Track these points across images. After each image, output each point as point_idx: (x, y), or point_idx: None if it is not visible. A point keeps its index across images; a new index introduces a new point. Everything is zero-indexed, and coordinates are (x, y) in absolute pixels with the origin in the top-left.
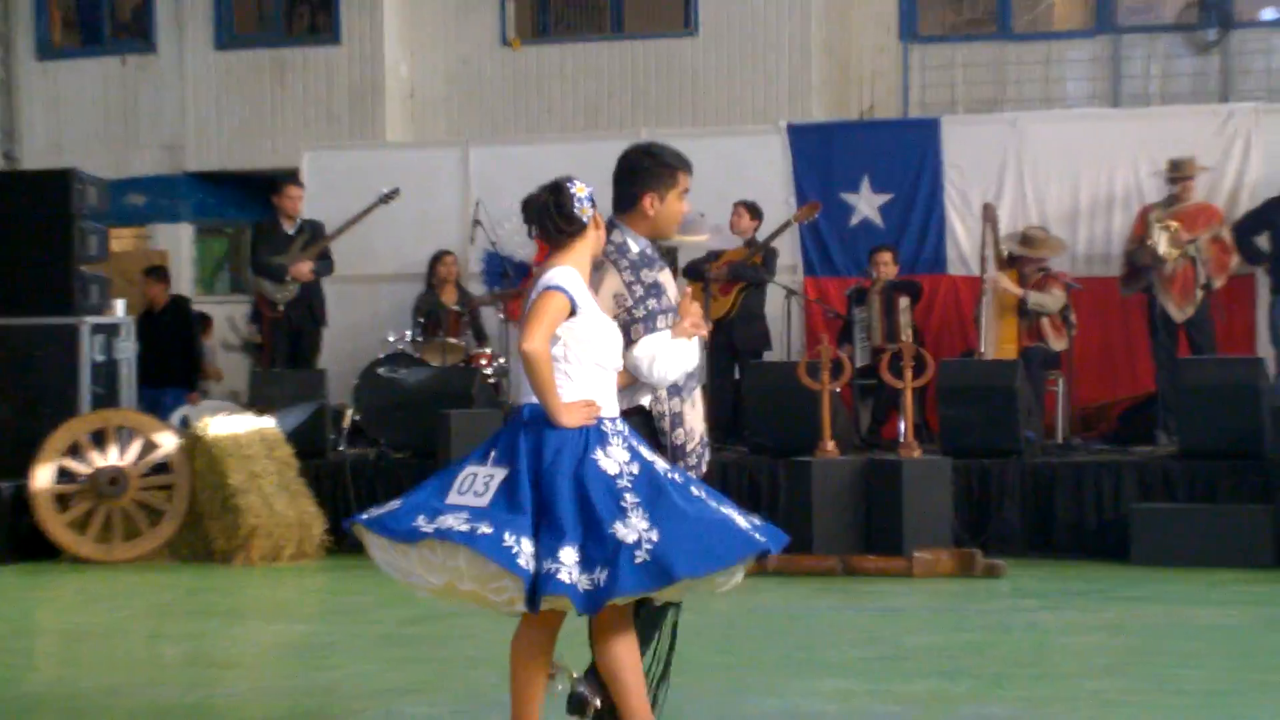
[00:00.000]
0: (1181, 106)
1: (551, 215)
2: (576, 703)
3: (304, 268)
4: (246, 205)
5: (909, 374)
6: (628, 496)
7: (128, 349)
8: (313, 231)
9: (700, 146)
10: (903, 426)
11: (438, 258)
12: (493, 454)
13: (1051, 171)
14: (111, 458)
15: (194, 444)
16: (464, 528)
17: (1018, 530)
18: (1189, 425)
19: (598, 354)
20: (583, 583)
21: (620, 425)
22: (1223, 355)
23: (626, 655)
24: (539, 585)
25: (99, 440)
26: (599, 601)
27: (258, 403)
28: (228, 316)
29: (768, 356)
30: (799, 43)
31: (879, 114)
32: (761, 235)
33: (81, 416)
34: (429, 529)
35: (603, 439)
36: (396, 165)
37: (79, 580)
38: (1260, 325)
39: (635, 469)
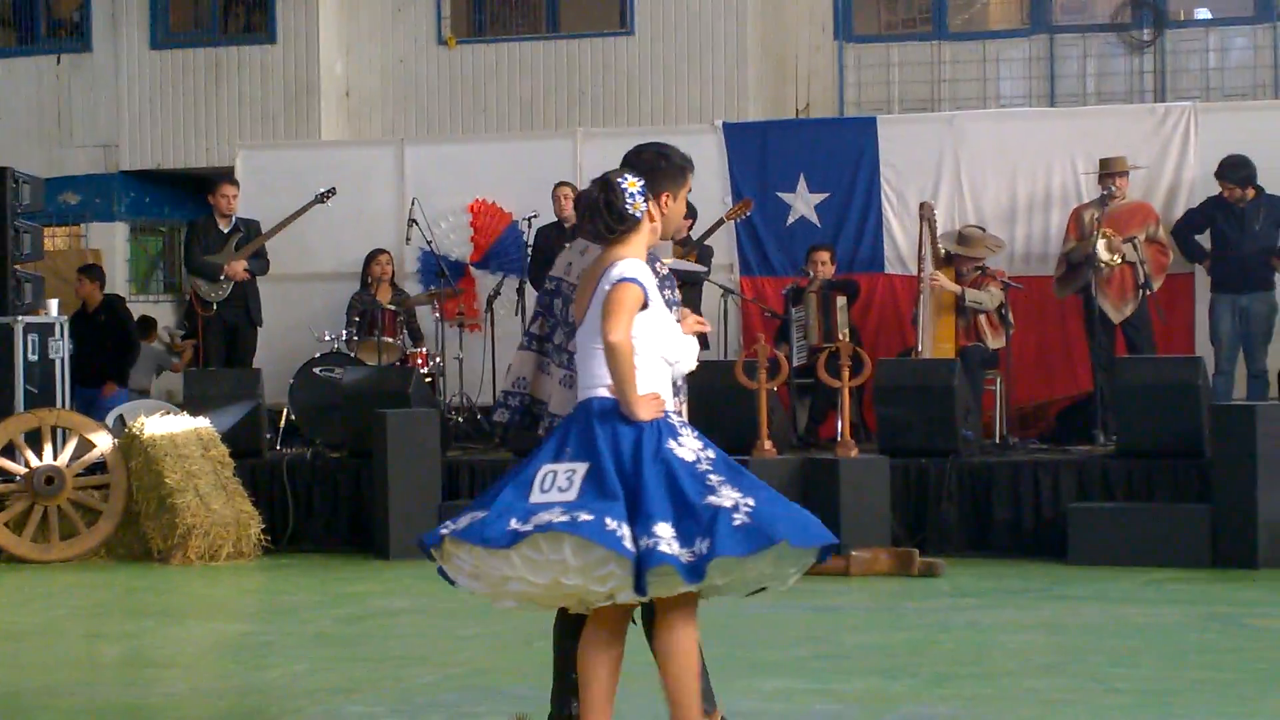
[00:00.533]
0: (1118, 105)
1: (603, 214)
2: None
3: (238, 266)
4: (182, 204)
5: (846, 373)
6: (711, 476)
7: (61, 348)
8: (248, 230)
9: None
10: (840, 426)
11: (372, 256)
12: (568, 449)
13: (988, 170)
14: (47, 457)
15: (130, 443)
16: (564, 518)
17: (955, 529)
18: (1127, 425)
19: (663, 347)
20: (684, 555)
21: (683, 418)
22: (1161, 354)
23: (686, 647)
24: (642, 562)
25: (34, 440)
26: (703, 568)
27: (193, 402)
28: (165, 327)
29: (704, 356)
30: (735, 42)
31: (815, 113)
32: (696, 234)
33: (16, 416)
34: (528, 528)
35: (673, 430)
36: (332, 164)
37: (16, 580)
38: (1199, 324)
39: (711, 454)
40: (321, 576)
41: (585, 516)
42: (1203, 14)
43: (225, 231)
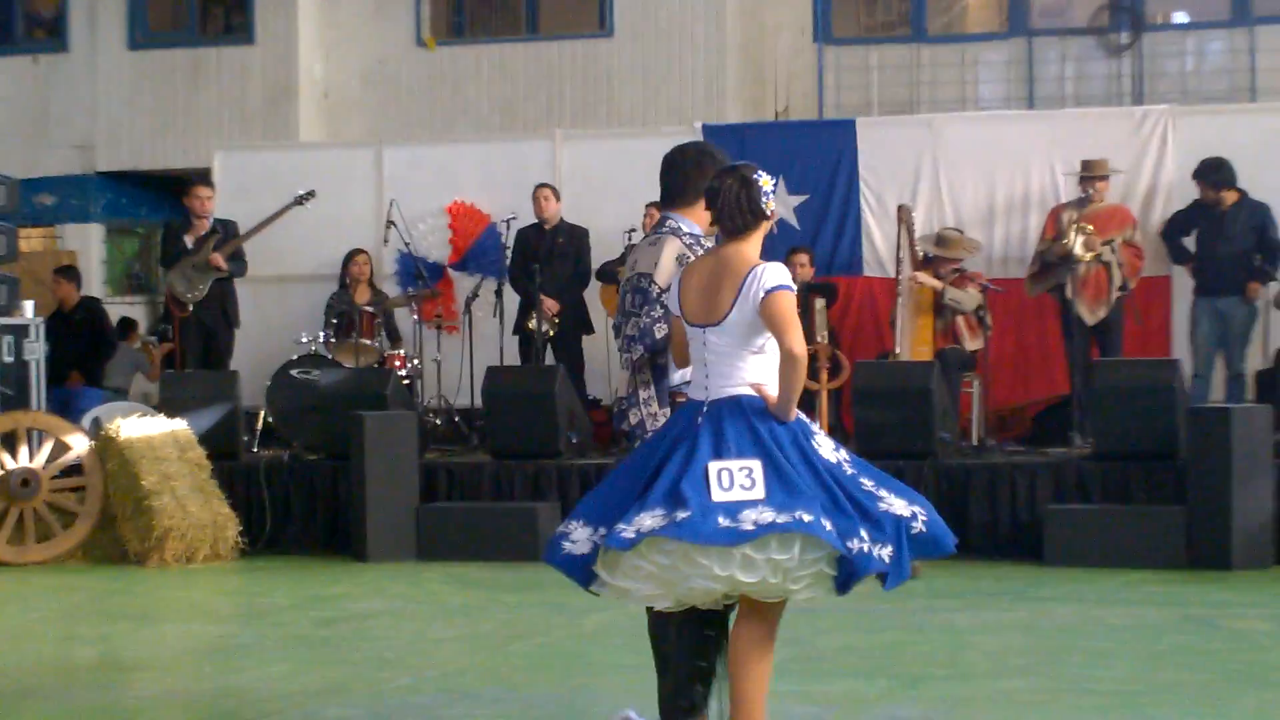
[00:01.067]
0: (1096, 108)
1: (743, 207)
2: None
3: (217, 255)
4: (158, 206)
5: (825, 375)
6: (864, 480)
7: (37, 350)
8: (226, 231)
9: (616, 148)
10: (818, 428)
11: (350, 256)
12: (729, 446)
13: (966, 173)
14: (23, 459)
15: (106, 445)
16: (787, 518)
17: None
18: (1103, 427)
19: None
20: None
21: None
22: (1137, 357)
23: (768, 666)
24: (859, 566)
25: (9, 442)
26: (900, 578)
27: (170, 404)
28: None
29: None
30: (714, 44)
31: (794, 115)
32: None
33: None
34: (749, 527)
35: (809, 430)
36: (310, 166)
37: None
38: (1177, 326)
39: (845, 455)
40: (298, 579)
41: (807, 516)
42: (1180, 17)
43: (203, 234)
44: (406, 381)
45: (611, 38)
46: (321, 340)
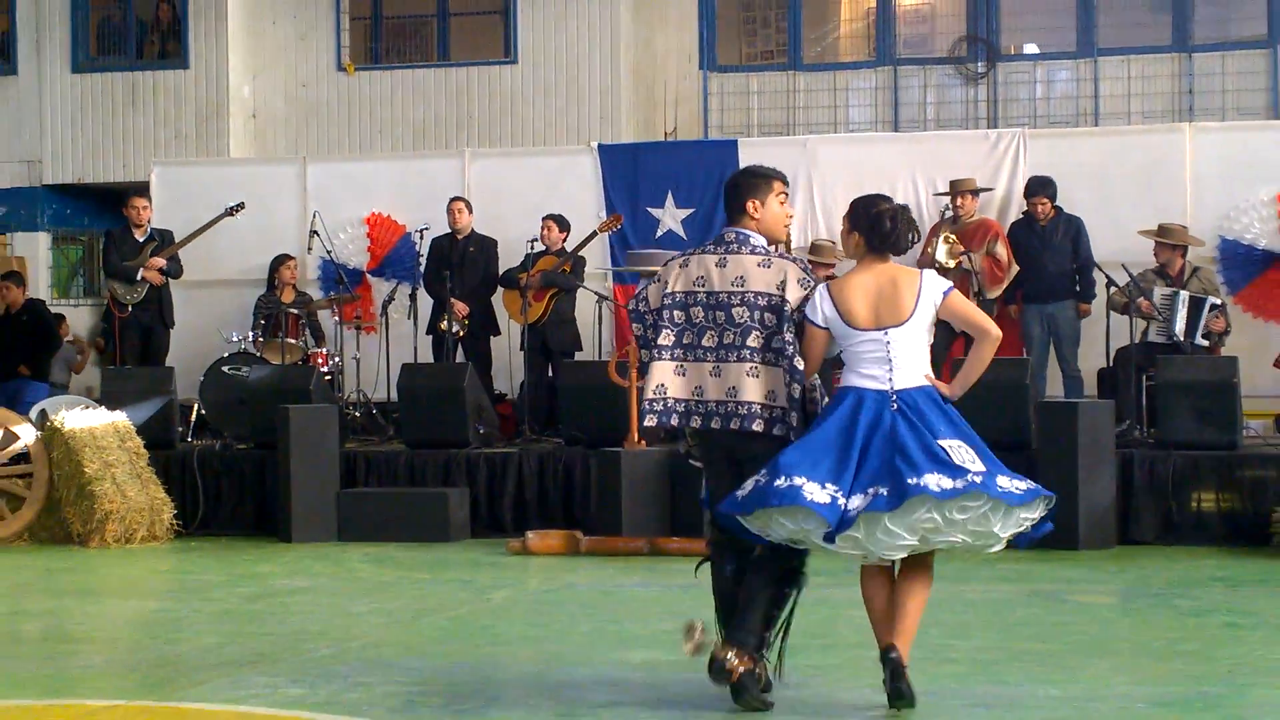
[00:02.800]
0: (954, 131)
1: (911, 235)
2: (719, 670)
3: (154, 265)
4: (100, 216)
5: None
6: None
7: None
8: (162, 239)
9: (519, 165)
10: None
11: (281, 261)
12: (940, 428)
13: (838, 189)
14: None
15: (52, 436)
16: (1030, 485)
17: None
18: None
19: None
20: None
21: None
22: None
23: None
24: (1047, 522)
25: None
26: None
27: (110, 398)
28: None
29: (579, 356)
30: (609, 70)
31: (682, 135)
32: (570, 245)
33: None
34: (1019, 491)
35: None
36: (240, 180)
37: None
38: None
39: None
40: (228, 558)
41: (1033, 484)
42: (1031, 49)
43: (140, 240)
44: (328, 377)
45: (516, 64)
46: (250, 339)
